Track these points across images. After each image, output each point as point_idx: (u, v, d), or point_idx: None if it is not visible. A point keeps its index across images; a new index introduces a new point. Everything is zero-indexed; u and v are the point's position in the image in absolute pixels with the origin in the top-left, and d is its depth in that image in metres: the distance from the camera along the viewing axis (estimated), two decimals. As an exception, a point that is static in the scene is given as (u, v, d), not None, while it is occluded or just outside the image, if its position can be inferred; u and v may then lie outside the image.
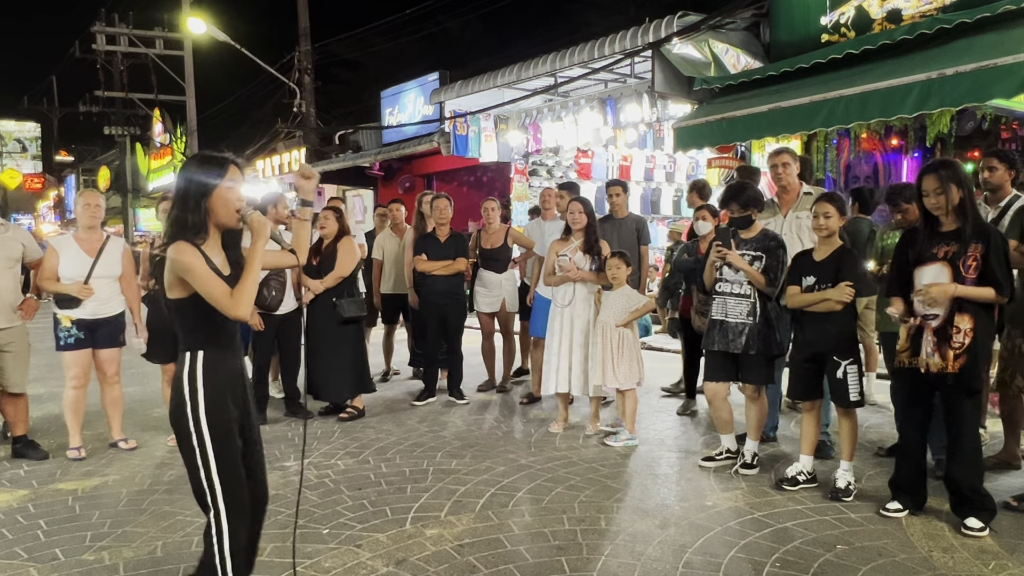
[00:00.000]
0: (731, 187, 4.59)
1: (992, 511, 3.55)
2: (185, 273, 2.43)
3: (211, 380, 2.51)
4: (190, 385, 2.49)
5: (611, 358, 5.10)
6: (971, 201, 3.52)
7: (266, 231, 2.56)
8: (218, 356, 2.55)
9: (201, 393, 2.48)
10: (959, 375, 3.48)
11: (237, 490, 2.54)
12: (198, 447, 2.48)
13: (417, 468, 4.65)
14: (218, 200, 2.51)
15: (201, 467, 2.48)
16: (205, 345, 2.53)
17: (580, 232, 5.41)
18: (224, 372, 2.56)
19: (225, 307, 2.44)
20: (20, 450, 5.02)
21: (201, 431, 2.47)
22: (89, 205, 5.03)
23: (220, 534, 2.49)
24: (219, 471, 2.48)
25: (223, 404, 2.52)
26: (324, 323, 5.84)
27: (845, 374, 3.97)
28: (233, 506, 2.51)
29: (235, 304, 2.44)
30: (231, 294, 2.45)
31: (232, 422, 2.55)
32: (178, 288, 2.48)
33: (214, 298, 2.43)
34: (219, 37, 17.93)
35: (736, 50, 8.74)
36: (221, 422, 2.51)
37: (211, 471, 2.48)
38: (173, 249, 2.44)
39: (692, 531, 3.62)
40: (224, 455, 2.50)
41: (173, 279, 2.47)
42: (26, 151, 38.51)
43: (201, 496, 2.51)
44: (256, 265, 2.53)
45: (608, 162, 12.04)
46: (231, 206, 2.53)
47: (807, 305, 4.06)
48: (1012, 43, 5.48)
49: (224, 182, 2.51)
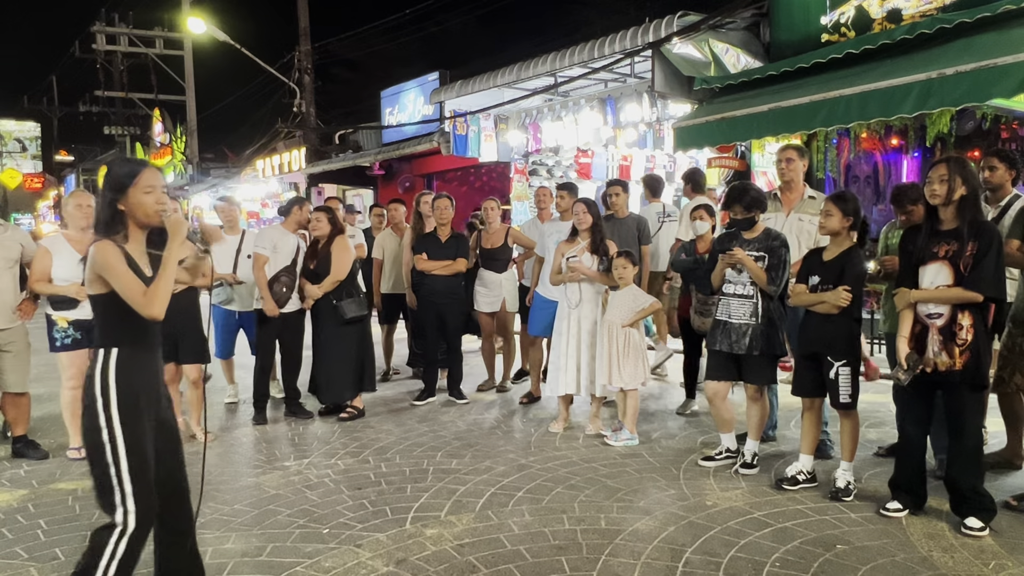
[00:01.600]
0: (734, 188, 4.57)
1: (992, 511, 3.55)
2: (103, 270, 2.48)
3: (124, 379, 2.51)
4: (102, 382, 2.49)
5: (617, 358, 5.10)
6: (974, 199, 3.52)
7: (181, 231, 2.60)
8: (133, 355, 2.56)
9: (113, 391, 2.49)
10: (965, 371, 3.48)
11: (146, 492, 2.50)
12: (109, 444, 2.46)
13: (417, 468, 4.65)
14: (133, 201, 2.57)
15: (112, 465, 2.46)
16: (120, 343, 2.54)
17: (586, 233, 5.41)
18: (138, 371, 2.56)
19: (139, 305, 2.47)
20: (20, 450, 5.02)
21: (113, 428, 2.46)
22: (81, 206, 4.98)
23: (121, 536, 2.45)
24: (130, 471, 2.46)
25: (135, 403, 2.52)
26: (326, 324, 5.85)
27: (837, 375, 3.97)
28: (142, 509, 2.48)
29: (148, 303, 2.47)
30: (145, 292, 2.48)
31: (144, 422, 2.54)
32: (97, 284, 2.52)
33: (128, 296, 2.47)
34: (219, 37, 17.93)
35: (736, 50, 8.74)
36: (134, 420, 2.50)
37: (122, 471, 2.45)
38: (95, 247, 2.50)
39: (692, 531, 3.62)
40: (135, 454, 2.48)
41: (92, 275, 2.52)
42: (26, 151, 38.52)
43: (107, 495, 2.47)
44: (171, 265, 2.55)
45: (608, 162, 12.03)
46: (148, 207, 2.59)
47: (807, 305, 4.07)
48: (1012, 43, 5.47)
49: (139, 183, 2.57)
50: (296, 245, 5.94)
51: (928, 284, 3.58)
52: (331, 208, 6.19)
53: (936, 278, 3.55)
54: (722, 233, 4.80)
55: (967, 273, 3.45)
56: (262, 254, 5.80)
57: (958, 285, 3.48)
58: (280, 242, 5.87)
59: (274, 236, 5.93)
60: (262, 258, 5.78)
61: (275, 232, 6.02)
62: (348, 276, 5.84)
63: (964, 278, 3.46)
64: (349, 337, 5.82)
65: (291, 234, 5.97)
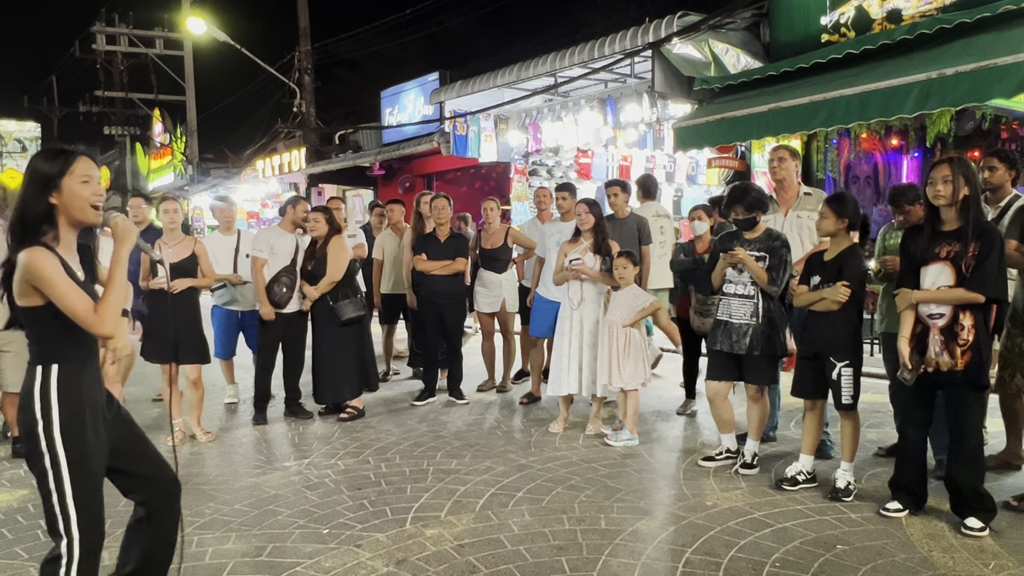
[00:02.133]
0: (736, 189, 4.57)
1: (992, 511, 3.55)
2: (40, 282, 2.19)
3: (67, 396, 2.28)
4: (42, 403, 2.25)
5: (617, 358, 5.10)
6: (975, 200, 3.52)
7: (131, 237, 2.38)
8: (74, 370, 2.31)
9: (55, 411, 2.25)
10: (966, 371, 3.48)
11: (93, 520, 2.31)
12: (51, 470, 2.24)
13: (417, 468, 4.65)
14: (67, 194, 2.28)
15: (54, 492, 2.25)
16: (60, 358, 2.30)
17: (589, 233, 5.41)
18: (81, 387, 2.32)
19: (89, 323, 2.22)
20: (20, 450, 5.02)
21: (55, 452, 2.24)
22: None
23: (68, 566, 2.25)
24: (74, 497, 2.26)
25: (80, 422, 2.29)
26: (324, 324, 5.85)
27: (839, 375, 3.97)
28: (87, 537, 2.28)
29: (100, 320, 2.22)
30: (95, 309, 2.23)
31: (90, 442, 2.31)
32: (31, 296, 2.24)
33: (75, 313, 2.21)
34: (219, 37, 17.93)
35: (736, 50, 8.75)
36: (78, 442, 2.27)
37: (65, 497, 2.25)
38: (26, 253, 2.20)
39: (692, 531, 3.62)
40: (81, 479, 2.27)
41: (24, 287, 2.22)
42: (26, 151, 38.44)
43: (52, 523, 2.27)
44: (120, 275, 2.31)
45: (608, 162, 12.04)
46: (83, 201, 2.30)
47: (808, 304, 4.08)
48: (1012, 43, 5.48)
49: (74, 172, 2.28)
50: (295, 244, 5.93)
51: (930, 285, 3.58)
52: (329, 208, 6.18)
53: (938, 279, 3.55)
54: (723, 233, 4.80)
55: (969, 274, 3.45)
56: (259, 257, 5.79)
57: (960, 286, 3.48)
58: (277, 243, 5.86)
59: (270, 237, 5.91)
60: (260, 261, 5.78)
61: (271, 233, 6.01)
62: (345, 276, 5.83)
63: (966, 279, 3.46)
64: (347, 337, 5.82)
65: (288, 234, 5.96)
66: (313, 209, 6.05)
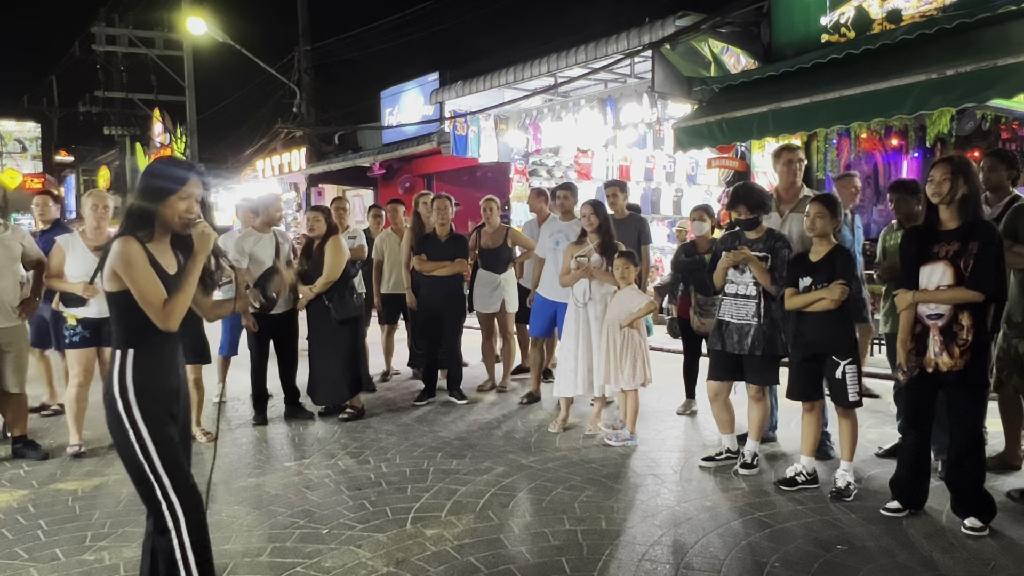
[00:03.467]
0: (739, 189, 4.57)
1: (992, 511, 3.55)
2: (125, 269, 2.42)
3: (144, 378, 2.48)
4: (120, 384, 2.46)
5: (616, 358, 5.10)
6: (975, 199, 3.52)
7: (207, 245, 2.55)
8: (150, 353, 2.51)
9: (132, 392, 2.46)
10: (965, 372, 3.48)
11: (187, 484, 2.50)
12: (137, 444, 2.44)
13: (417, 468, 4.65)
14: (167, 207, 2.52)
15: (145, 464, 2.45)
16: (138, 343, 2.50)
17: (594, 234, 5.41)
18: (157, 370, 2.53)
19: (156, 316, 2.43)
20: (20, 450, 5.02)
21: (139, 428, 2.45)
22: (96, 207, 5.02)
23: (179, 531, 2.44)
24: (163, 463, 2.45)
25: (155, 398, 2.50)
26: (319, 325, 5.83)
27: (844, 374, 3.97)
28: (186, 500, 2.48)
29: (166, 316, 2.44)
30: (164, 305, 2.44)
31: (166, 417, 2.52)
32: (115, 281, 2.46)
33: (146, 302, 2.42)
34: (219, 37, 17.93)
35: (736, 50, 8.74)
36: (156, 416, 2.48)
37: (155, 464, 2.45)
38: (120, 243, 2.44)
39: (692, 531, 3.62)
40: (165, 446, 2.47)
41: (111, 272, 2.45)
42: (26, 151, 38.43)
43: (148, 492, 2.46)
44: (193, 280, 2.52)
45: (608, 162, 12.04)
46: (176, 214, 2.53)
47: (803, 306, 4.07)
48: (1012, 43, 5.48)
49: (181, 191, 2.52)
50: (274, 244, 5.81)
51: (929, 284, 3.58)
52: (328, 208, 6.15)
53: (937, 278, 3.55)
54: (725, 233, 4.80)
55: (968, 273, 3.45)
56: (238, 267, 5.43)
57: (959, 285, 3.48)
58: (255, 248, 5.72)
59: (246, 244, 5.73)
60: (240, 271, 5.51)
61: (247, 240, 5.77)
62: (342, 276, 5.78)
63: (965, 278, 3.46)
64: (342, 337, 5.78)
65: (264, 235, 5.83)
66: (312, 208, 6.03)
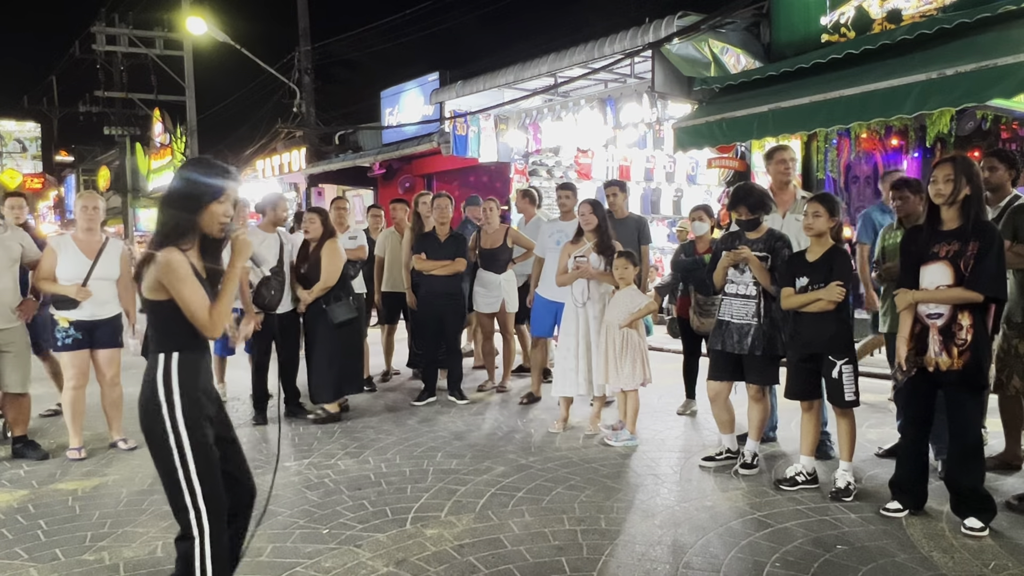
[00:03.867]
0: (739, 189, 4.57)
1: (992, 511, 3.55)
2: (172, 281, 2.43)
3: (187, 382, 2.50)
4: (165, 387, 2.48)
5: (615, 358, 5.10)
6: (977, 199, 3.52)
7: (247, 252, 2.61)
8: (193, 358, 2.54)
9: (177, 395, 2.47)
10: (964, 371, 3.48)
11: (216, 492, 2.51)
12: (176, 449, 2.46)
13: (417, 468, 4.65)
14: (208, 212, 2.54)
15: (180, 469, 2.46)
16: (182, 347, 2.52)
17: (592, 233, 5.41)
18: (199, 373, 2.56)
19: (202, 324, 2.46)
20: (20, 450, 5.02)
21: (179, 433, 2.46)
22: (87, 208, 5.01)
23: (202, 538, 2.46)
24: (198, 473, 2.46)
25: (199, 405, 2.52)
26: (316, 327, 5.82)
27: (840, 374, 3.97)
28: (214, 509, 2.49)
29: (212, 324, 2.47)
30: (210, 312, 2.47)
31: (208, 424, 2.54)
32: (160, 291, 2.48)
33: (193, 312, 2.45)
34: (219, 37, 17.92)
35: (736, 50, 8.75)
36: (198, 424, 2.50)
37: (190, 473, 2.46)
38: (166, 254, 2.45)
39: (692, 531, 3.62)
40: (202, 457, 2.48)
41: (154, 283, 2.46)
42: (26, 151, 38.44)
43: (178, 501, 2.47)
44: (233, 286, 2.56)
45: (608, 162, 12.04)
46: (217, 219, 2.56)
47: (801, 306, 4.05)
48: (1012, 43, 5.48)
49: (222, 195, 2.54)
50: (279, 244, 5.82)
51: (929, 284, 3.58)
52: (324, 210, 6.12)
53: (937, 278, 3.55)
54: (725, 234, 4.80)
55: (968, 273, 3.45)
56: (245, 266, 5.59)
57: (959, 285, 3.48)
58: (260, 248, 5.73)
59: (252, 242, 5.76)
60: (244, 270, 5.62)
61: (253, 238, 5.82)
62: (340, 279, 5.76)
63: (965, 278, 3.46)
64: (339, 339, 5.74)
65: (270, 235, 5.85)
66: (308, 210, 6.00)
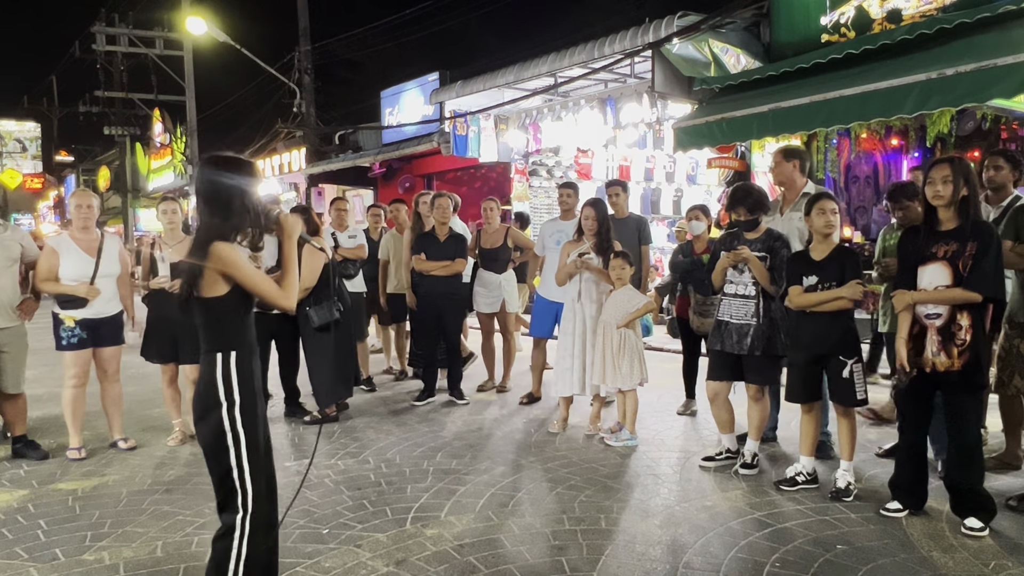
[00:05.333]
0: (738, 189, 4.56)
1: (992, 511, 3.55)
2: (231, 268, 2.46)
3: (245, 379, 2.53)
4: (225, 385, 2.49)
5: (613, 358, 5.09)
6: (974, 200, 3.52)
7: (298, 228, 2.67)
8: (247, 356, 2.57)
9: (237, 393, 2.50)
10: (964, 372, 3.48)
11: (266, 495, 2.54)
12: (233, 447, 2.47)
13: (417, 468, 4.65)
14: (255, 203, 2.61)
15: (235, 467, 2.47)
16: (237, 345, 2.54)
17: (592, 234, 5.41)
18: (253, 371, 2.59)
19: (275, 297, 2.53)
20: (20, 450, 5.02)
21: (237, 432, 2.48)
22: (81, 206, 5.02)
23: (243, 532, 2.46)
24: (251, 472, 2.48)
25: (254, 403, 2.55)
26: (304, 329, 5.80)
27: (851, 373, 3.96)
28: (260, 509, 2.50)
29: (285, 295, 2.55)
30: (281, 283, 2.55)
31: (261, 423, 2.58)
32: (218, 285, 2.48)
33: (263, 290, 2.51)
34: (219, 37, 17.92)
35: (736, 50, 8.75)
36: (253, 422, 2.52)
37: (244, 473, 2.48)
38: (217, 246, 2.46)
39: (692, 531, 3.62)
40: (256, 455, 2.51)
41: (214, 277, 2.47)
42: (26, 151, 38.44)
43: (229, 497, 2.48)
44: (294, 260, 2.63)
45: (608, 162, 12.05)
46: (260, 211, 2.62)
47: (815, 305, 4.00)
48: (1012, 43, 5.48)
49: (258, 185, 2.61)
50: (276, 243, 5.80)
51: (927, 285, 3.57)
52: (308, 208, 6.11)
53: (935, 279, 3.55)
54: (724, 233, 4.80)
55: (966, 273, 3.45)
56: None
57: (957, 285, 3.48)
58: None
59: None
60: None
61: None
62: (320, 281, 5.66)
63: (963, 278, 3.46)
64: (324, 342, 5.69)
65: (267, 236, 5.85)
66: (292, 210, 5.98)
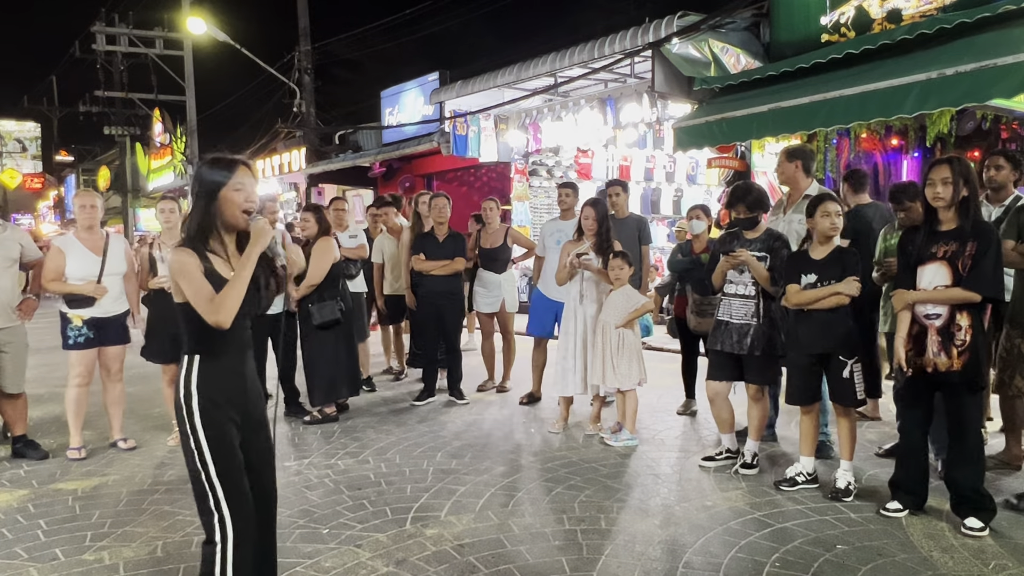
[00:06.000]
0: (738, 188, 4.56)
1: (992, 511, 3.55)
2: (177, 276, 2.44)
3: (206, 386, 2.47)
4: (185, 390, 2.47)
5: (611, 358, 5.09)
6: (974, 201, 3.52)
7: (265, 238, 2.50)
8: (214, 362, 2.50)
9: (195, 399, 2.45)
10: (963, 372, 3.48)
11: (239, 497, 2.48)
12: (196, 451, 2.45)
13: (417, 468, 4.65)
14: (223, 201, 2.48)
15: (201, 470, 2.46)
16: (201, 351, 2.49)
17: (592, 233, 5.41)
18: (222, 378, 2.51)
19: (204, 312, 2.39)
20: (20, 450, 5.02)
21: (197, 435, 2.45)
22: (85, 207, 5.05)
23: (224, 544, 2.43)
24: (218, 474, 2.44)
25: (218, 410, 2.47)
26: (305, 327, 5.81)
27: (852, 373, 3.96)
28: (237, 513, 2.47)
29: (215, 310, 2.38)
30: (212, 299, 2.39)
31: (229, 429, 2.49)
32: (177, 292, 2.49)
33: (195, 302, 2.40)
34: (219, 37, 17.91)
35: (736, 50, 8.75)
36: (217, 429, 2.46)
37: (211, 474, 2.44)
38: (172, 252, 2.48)
39: (692, 531, 3.62)
40: (222, 458, 2.46)
41: (172, 283, 2.49)
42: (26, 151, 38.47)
43: (201, 501, 2.47)
44: (245, 272, 2.45)
45: (608, 162, 12.05)
46: (236, 208, 2.48)
47: (812, 302, 3.99)
48: (1012, 43, 5.47)
49: (231, 183, 2.47)
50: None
51: (927, 285, 3.57)
52: (320, 207, 6.11)
53: (935, 278, 3.55)
54: (723, 233, 4.79)
55: (966, 273, 3.45)
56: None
57: (956, 285, 3.48)
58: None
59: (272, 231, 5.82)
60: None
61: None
62: (328, 279, 5.71)
63: (963, 278, 3.46)
64: (325, 341, 5.71)
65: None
66: (304, 209, 6.01)
